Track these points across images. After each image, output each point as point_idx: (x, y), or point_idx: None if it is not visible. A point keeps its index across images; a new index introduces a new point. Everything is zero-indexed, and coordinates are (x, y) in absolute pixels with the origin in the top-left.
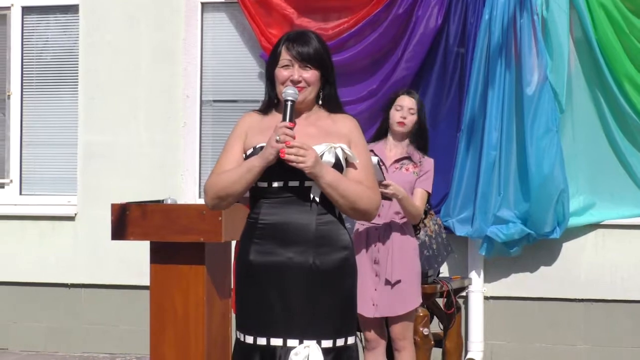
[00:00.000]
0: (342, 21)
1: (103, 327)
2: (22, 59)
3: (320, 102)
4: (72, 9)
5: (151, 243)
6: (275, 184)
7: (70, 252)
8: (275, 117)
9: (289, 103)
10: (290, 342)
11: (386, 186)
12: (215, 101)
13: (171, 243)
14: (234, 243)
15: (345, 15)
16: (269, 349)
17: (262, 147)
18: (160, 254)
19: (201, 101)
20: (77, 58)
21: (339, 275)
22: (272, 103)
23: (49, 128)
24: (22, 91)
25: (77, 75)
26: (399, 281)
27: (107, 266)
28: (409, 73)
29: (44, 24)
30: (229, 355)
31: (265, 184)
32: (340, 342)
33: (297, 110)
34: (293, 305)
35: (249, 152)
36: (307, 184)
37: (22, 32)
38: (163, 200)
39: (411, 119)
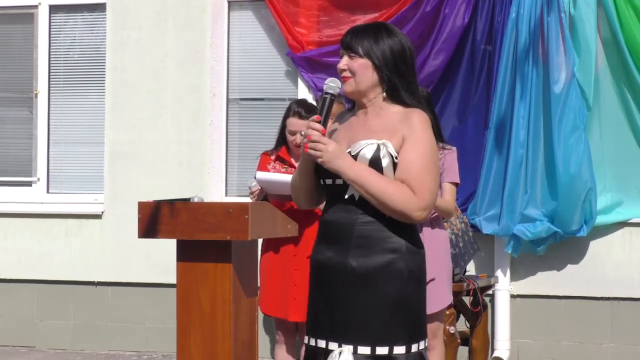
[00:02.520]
0: (369, 19)
1: (129, 325)
2: (49, 58)
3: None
4: (99, 7)
5: (178, 241)
6: (327, 181)
7: (97, 251)
8: (354, 115)
9: (327, 96)
10: (331, 345)
11: None
12: (242, 99)
13: (198, 241)
14: (260, 241)
15: (372, 13)
16: (316, 350)
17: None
18: (187, 252)
19: (228, 99)
20: (104, 56)
21: (381, 278)
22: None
23: (76, 126)
24: (49, 90)
25: (104, 74)
26: (432, 279)
27: (134, 264)
28: (436, 70)
29: (71, 23)
30: (255, 354)
31: (322, 182)
32: (381, 350)
33: (359, 103)
34: (333, 307)
35: None
36: (337, 182)
37: (50, 31)
38: (190, 199)
39: None
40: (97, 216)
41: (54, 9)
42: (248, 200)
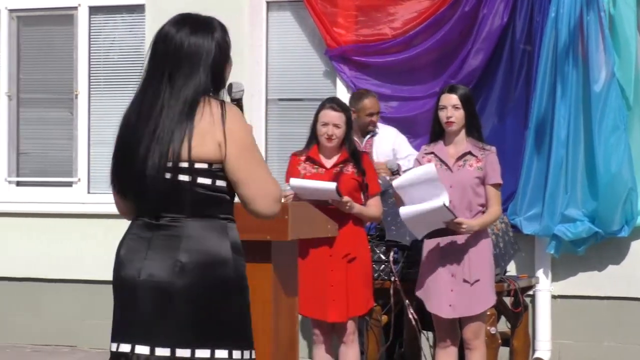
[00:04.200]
0: (408, 19)
1: None
2: (89, 59)
3: None
4: (139, 9)
5: None
6: None
7: None
8: None
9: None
10: None
11: (459, 225)
12: (280, 99)
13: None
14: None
15: (411, 14)
16: None
17: None
18: None
19: (267, 100)
20: (143, 57)
21: None
22: None
23: (116, 127)
24: (89, 90)
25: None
26: (477, 280)
27: None
28: (475, 69)
29: (110, 24)
30: (296, 353)
31: None
32: None
33: None
34: None
35: None
36: None
37: (89, 32)
38: None
39: (457, 115)
40: None
41: (93, 10)
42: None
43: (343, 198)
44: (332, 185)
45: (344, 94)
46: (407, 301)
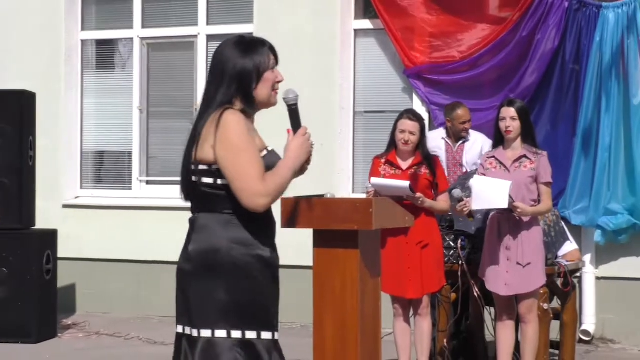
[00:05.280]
0: (473, 44)
1: None
2: (206, 79)
3: None
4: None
5: (314, 231)
6: None
7: None
8: (251, 120)
9: (294, 107)
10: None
11: (516, 207)
12: (366, 112)
13: (330, 230)
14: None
15: (476, 39)
16: (268, 342)
17: (272, 150)
18: (321, 240)
19: (354, 112)
20: None
21: None
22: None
23: None
24: None
25: None
26: (529, 263)
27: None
28: (530, 86)
29: None
30: (379, 325)
31: None
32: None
33: (258, 109)
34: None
35: (263, 153)
36: None
37: (207, 56)
38: (324, 195)
39: (515, 125)
40: None
41: (210, 37)
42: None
43: (416, 194)
44: (406, 183)
45: (419, 107)
46: (472, 281)
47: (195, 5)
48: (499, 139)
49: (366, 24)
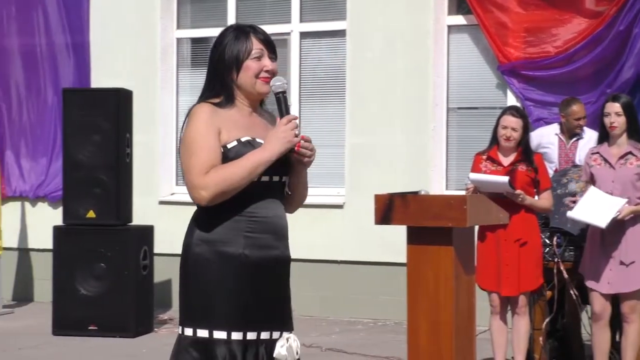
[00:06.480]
0: (568, 39)
1: (366, 297)
2: (299, 75)
3: None
4: (340, 33)
5: (408, 227)
6: (265, 178)
7: (340, 235)
8: (238, 110)
9: (280, 95)
10: (275, 334)
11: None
12: (459, 108)
13: (425, 227)
14: (476, 228)
15: (571, 34)
16: (247, 342)
17: (248, 141)
18: (415, 237)
19: (448, 108)
20: (345, 74)
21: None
22: (232, 97)
23: (322, 132)
24: (300, 101)
25: (345, 88)
26: (632, 262)
27: (370, 246)
28: (628, 79)
29: (317, 46)
30: (473, 323)
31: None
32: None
33: (252, 102)
34: (281, 298)
35: (230, 145)
36: (284, 179)
37: (300, 52)
38: (418, 192)
39: (620, 121)
40: (340, 206)
41: (303, 35)
42: (464, 193)
43: (516, 191)
44: (505, 179)
45: (513, 103)
46: (568, 279)
47: (288, 2)
48: (603, 135)
49: (459, 19)
